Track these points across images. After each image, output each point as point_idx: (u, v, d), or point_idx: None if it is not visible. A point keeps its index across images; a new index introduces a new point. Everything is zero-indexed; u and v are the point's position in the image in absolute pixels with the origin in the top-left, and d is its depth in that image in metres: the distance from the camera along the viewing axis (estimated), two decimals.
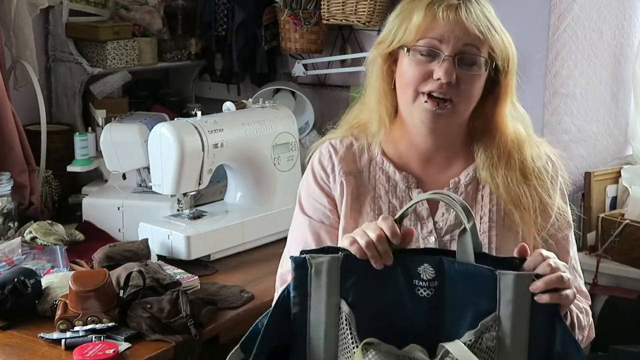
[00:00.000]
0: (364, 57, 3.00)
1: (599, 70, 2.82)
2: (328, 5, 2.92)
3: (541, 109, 2.68)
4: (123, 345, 1.77)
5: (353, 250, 1.29)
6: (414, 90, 1.46)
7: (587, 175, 2.73)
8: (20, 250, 2.22)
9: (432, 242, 1.49)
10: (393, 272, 1.30)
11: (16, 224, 2.45)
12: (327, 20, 2.95)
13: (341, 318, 1.30)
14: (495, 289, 1.27)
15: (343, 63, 3.13)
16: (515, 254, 1.32)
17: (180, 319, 1.84)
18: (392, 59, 1.51)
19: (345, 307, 1.30)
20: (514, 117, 1.54)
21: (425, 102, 1.45)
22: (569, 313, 1.40)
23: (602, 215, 2.66)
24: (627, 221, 2.60)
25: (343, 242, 1.33)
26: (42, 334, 1.82)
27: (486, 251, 1.41)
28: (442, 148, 1.54)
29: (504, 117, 1.51)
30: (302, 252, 1.32)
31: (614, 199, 2.79)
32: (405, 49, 1.47)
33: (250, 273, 2.26)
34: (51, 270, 2.13)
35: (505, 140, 1.51)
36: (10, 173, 2.46)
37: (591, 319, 1.53)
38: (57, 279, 2.01)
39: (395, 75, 1.51)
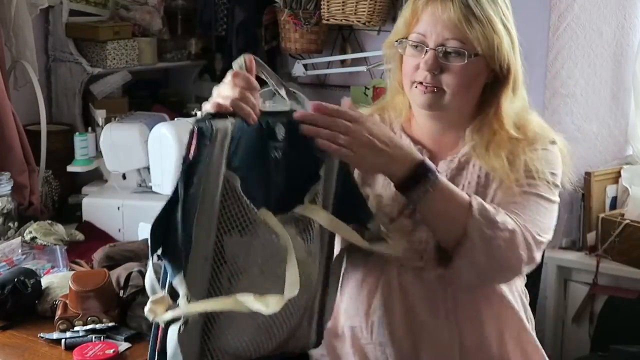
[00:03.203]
0: (364, 57, 3.02)
1: (599, 70, 2.81)
2: (328, 5, 2.92)
3: (541, 109, 2.68)
4: (123, 345, 1.77)
5: (220, 108, 1.26)
6: (408, 79, 1.58)
7: (587, 175, 2.72)
8: (20, 250, 2.22)
9: None
10: (260, 137, 1.27)
11: (16, 224, 2.45)
12: (327, 20, 2.95)
13: (227, 192, 1.22)
14: None
15: (343, 63, 3.13)
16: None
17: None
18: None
19: (234, 179, 1.23)
20: (513, 104, 1.60)
21: (416, 87, 1.56)
22: (470, 197, 1.43)
23: (602, 215, 2.66)
24: (627, 221, 2.60)
25: (205, 108, 1.30)
26: (42, 334, 1.82)
27: None
28: (447, 131, 1.62)
29: (502, 105, 1.58)
30: (196, 121, 1.21)
31: (614, 199, 2.79)
32: (398, 42, 1.59)
33: None
34: (51, 270, 2.13)
35: (497, 124, 1.58)
36: (10, 173, 2.46)
37: (519, 239, 1.45)
38: (57, 279, 2.01)
39: None
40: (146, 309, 1.21)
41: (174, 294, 1.22)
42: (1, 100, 2.51)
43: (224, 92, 1.29)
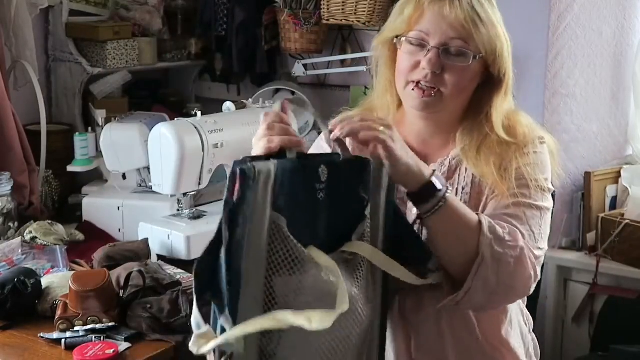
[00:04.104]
0: (364, 57, 3.03)
1: (599, 70, 2.82)
2: (328, 5, 2.92)
3: (541, 109, 2.68)
4: (123, 345, 1.78)
5: (268, 150, 1.28)
6: (404, 78, 1.55)
7: (587, 175, 2.73)
8: (20, 250, 2.22)
9: (414, 213, 1.51)
10: (303, 178, 1.27)
11: (16, 224, 2.45)
12: (327, 20, 2.95)
13: (274, 233, 1.21)
14: (370, 175, 1.34)
15: (343, 63, 3.13)
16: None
17: (180, 319, 1.84)
18: (394, 47, 1.60)
19: (281, 220, 1.22)
20: (503, 109, 1.59)
21: (412, 90, 1.54)
22: (478, 217, 1.42)
23: (602, 215, 2.66)
24: (627, 221, 2.60)
25: (257, 151, 1.32)
26: (42, 334, 1.83)
27: None
28: (437, 134, 1.62)
29: (493, 108, 1.57)
30: (235, 163, 1.20)
31: (614, 199, 2.79)
32: (397, 39, 1.56)
33: None
34: (51, 270, 2.13)
35: (487, 127, 1.57)
36: (10, 173, 2.46)
37: (526, 255, 1.45)
38: (57, 279, 2.01)
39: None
40: (191, 342, 1.20)
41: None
42: (1, 101, 2.51)
43: (262, 133, 1.31)
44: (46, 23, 2.94)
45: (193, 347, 1.20)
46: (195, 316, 1.21)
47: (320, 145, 1.68)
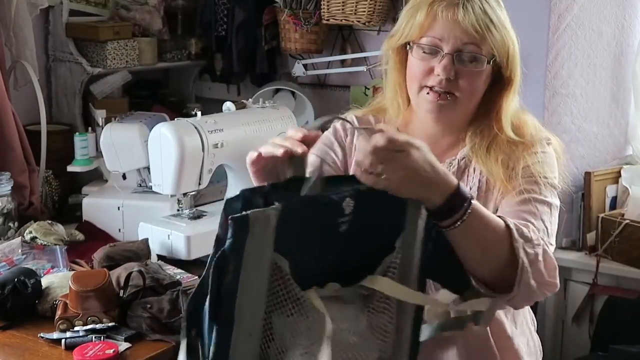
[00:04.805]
0: (364, 57, 3.02)
1: (599, 70, 2.82)
2: (328, 5, 2.92)
3: (541, 109, 2.68)
4: (123, 345, 1.78)
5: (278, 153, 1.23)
6: (418, 83, 1.56)
7: (587, 175, 2.73)
8: (20, 250, 2.22)
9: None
10: (324, 213, 1.23)
11: (16, 224, 2.45)
12: (327, 20, 2.95)
13: (275, 274, 1.19)
14: (406, 207, 1.29)
15: (343, 63, 3.13)
16: None
17: (180, 319, 1.84)
18: (404, 51, 1.60)
19: (282, 262, 1.19)
20: (511, 109, 1.60)
21: (427, 93, 1.54)
22: (504, 221, 1.38)
23: (602, 215, 2.66)
24: (627, 221, 2.60)
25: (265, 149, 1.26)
26: (42, 334, 1.83)
27: None
28: (447, 134, 1.62)
29: (503, 108, 1.58)
30: (227, 202, 1.18)
31: (614, 199, 2.79)
32: (409, 45, 1.56)
33: None
34: (51, 270, 2.13)
35: (496, 127, 1.57)
36: (10, 173, 2.46)
37: (547, 250, 1.43)
38: (57, 279, 2.01)
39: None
40: None
41: None
42: (1, 101, 2.52)
43: (276, 141, 1.26)
44: (46, 23, 2.94)
45: None
46: (182, 348, 1.21)
47: (327, 136, 1.68)
